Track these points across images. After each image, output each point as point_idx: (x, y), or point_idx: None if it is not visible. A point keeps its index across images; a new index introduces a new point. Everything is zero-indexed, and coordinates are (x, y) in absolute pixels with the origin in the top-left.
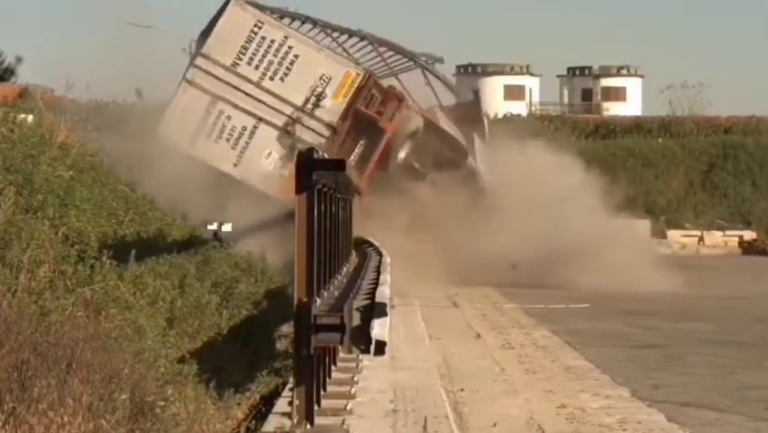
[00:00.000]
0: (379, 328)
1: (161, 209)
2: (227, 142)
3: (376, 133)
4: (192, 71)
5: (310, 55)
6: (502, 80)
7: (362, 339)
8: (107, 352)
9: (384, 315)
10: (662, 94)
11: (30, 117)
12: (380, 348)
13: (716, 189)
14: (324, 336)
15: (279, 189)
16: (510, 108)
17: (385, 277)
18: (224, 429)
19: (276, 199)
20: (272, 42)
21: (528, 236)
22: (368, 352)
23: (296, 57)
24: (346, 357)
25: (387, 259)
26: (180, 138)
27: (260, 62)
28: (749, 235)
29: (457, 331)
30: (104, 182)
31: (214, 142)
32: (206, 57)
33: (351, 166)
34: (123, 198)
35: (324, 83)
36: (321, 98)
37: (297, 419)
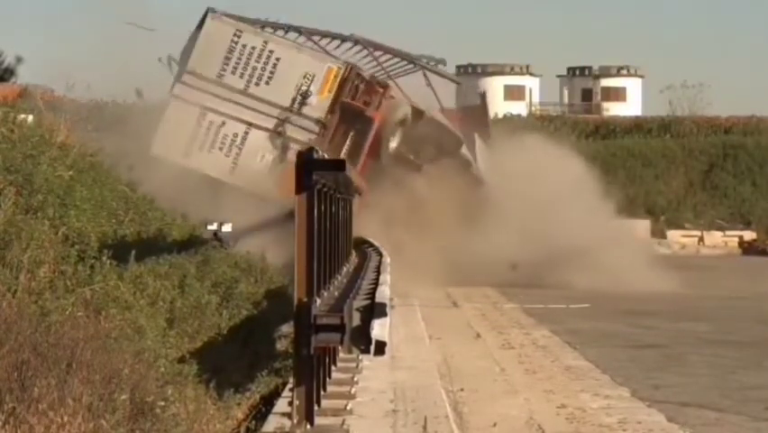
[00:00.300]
0: (379, 328)
1: (161, 209)
2: (220, 150)
3: (364, 124)
4: (179, 87)
5: (291, 56)
6: (502, 80)
7: (362, 339)
8: (107, 352)
9: (384, 315)
10: (662, 94)
11: (30, 117)
12: (380, 348)
13: (716, 189)
14: (324, 336)
15: (277, 189)
16: (510, 108)
17: (385, 277)
18: (224, 429)
19: (275, 200)
20: (253, 49)
21: (528, 236)
22: (368, 352)
23: (277, 60)
24: (346, 357)
25: (387, 259)
26: (174, 153)
27: (245, 70)
28: (749, 236)
29: (457, 331)
30: (104, 182)
31: (208, 152)
32: (192, 72)
33: (350, 167)
34: (123, 198)
35: (309, 81)
36: (307, 96)
37: (297, 419)
